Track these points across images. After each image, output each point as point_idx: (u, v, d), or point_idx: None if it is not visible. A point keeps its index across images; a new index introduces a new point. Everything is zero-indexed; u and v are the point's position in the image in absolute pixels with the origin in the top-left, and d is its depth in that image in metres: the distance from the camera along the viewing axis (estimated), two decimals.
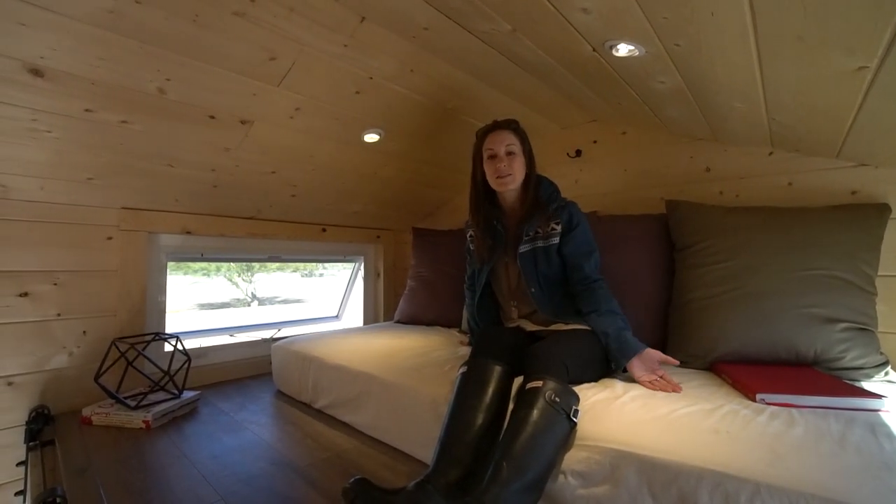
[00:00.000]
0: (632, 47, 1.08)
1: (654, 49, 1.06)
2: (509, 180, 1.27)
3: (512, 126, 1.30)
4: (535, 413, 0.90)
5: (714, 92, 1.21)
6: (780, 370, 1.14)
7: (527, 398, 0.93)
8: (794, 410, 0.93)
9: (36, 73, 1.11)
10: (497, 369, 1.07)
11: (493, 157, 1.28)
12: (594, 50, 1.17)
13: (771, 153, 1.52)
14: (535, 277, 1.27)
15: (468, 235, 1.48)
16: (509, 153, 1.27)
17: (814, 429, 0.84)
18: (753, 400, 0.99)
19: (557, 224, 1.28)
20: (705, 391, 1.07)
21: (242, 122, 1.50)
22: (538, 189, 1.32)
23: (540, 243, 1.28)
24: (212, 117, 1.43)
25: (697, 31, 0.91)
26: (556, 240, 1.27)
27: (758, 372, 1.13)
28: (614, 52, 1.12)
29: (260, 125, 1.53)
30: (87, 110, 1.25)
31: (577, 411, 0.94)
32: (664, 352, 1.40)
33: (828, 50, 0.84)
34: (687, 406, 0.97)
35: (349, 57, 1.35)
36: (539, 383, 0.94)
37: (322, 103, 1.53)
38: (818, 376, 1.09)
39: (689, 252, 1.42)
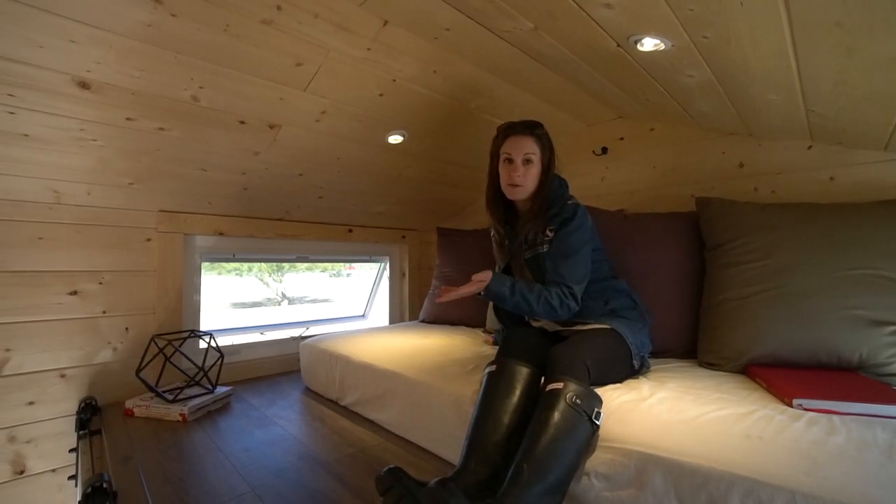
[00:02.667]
0: (657, 41, 1.05)
1: (680, 42, 1.02)
2: (520, 191, 1.22)
3: (536, 132, 1.22)
4: (556, 415, 0.89)
5: (746, 84, 1.16)
6: (820, 374, 1.09)
7: (548, 400, 0.92)
8: (834, 417, 0.88)
9: (83, 85, 1.19)
10: (525, 371, 1.07)
11: (509, 161, 1.24)
12: (618, 45, 1.14)
13: (810, 147, 1.44)
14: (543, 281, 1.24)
15: (492, 232, 1.45)
16: (526, 161, 1.20)
17: (857, 437, 0.79)
18: (790, 405, 0.94)
19: (552, 231, 1.22)
20: (738, 395, 1.03)
21: (271, 127, 1.55)
22: (548, 193, 1.26)
23: (540, 249, 1.24)
24: (242, 122, 1.48)
25: (726, 22, 0.87)
26: (549, 246, 1.22)
27: (795, 376, 1.08)
28: (639, 47, 1.10)
29: (287, 129, 1.58)
30: (128, 119, 1.33)
31: (599, 414, 0.93)
32: (694, 354, 1.37)
33: (871, 35, 0.79)
34: (718, 410, 0.94)
35: (372, 60, 1.37)
36: (560, 385, 0.93)
37: (347, 106, 1.56)
38: (863, 382, 1.03)
39: (720, 251, 1.36)
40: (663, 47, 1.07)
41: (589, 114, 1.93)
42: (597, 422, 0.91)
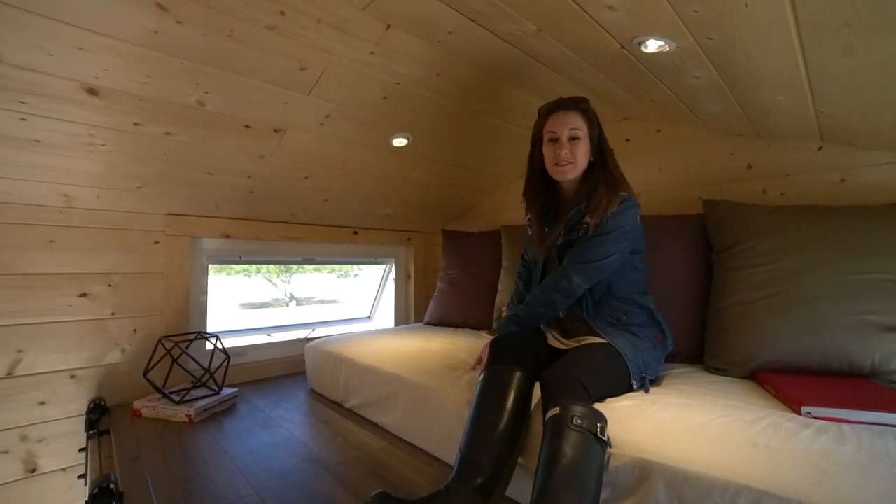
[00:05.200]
0: (661, 43, 1.04)
1: (685, 44, 1.01)
2: (569, 169, 1.15)
3: (580, 106, 1.16)
4: (565, 446, 0.82)
5: (754, 86, 1.14)
6: (831, 381, 1.06)
7: (552, 429, 0.86)
8: (845, 426, 0.86)
9: (92, 92, 1.21)
10: (516, 374, 1.04)
11: (554, 140, 1.17)
12: (622, 47, 1.13)
13: (820, 148, 1.41)
14: None
15: (527, 220, 1.35)
16: (573, 138, 1.14)
17: (868, 447, 0.77)
18: (798, 413, 0.92)
19: (589, 218, 1.14)
20: (745, 401, 1.01)
21: (276, 131, 1.56)
22: (601, 178, 1.17)
23: (574, 235, 1.16)
24: (247, 126, 1.50)
25: (731, 23, 0.86)
26: (582, 232, 1.13)
27: (804, 382, 1.05)
28: (643, 49, 1.09)
29: (292, 133, 1.59)
30: (135, 124, 1.35)
31: (603, 429, 0.86)
32: (701, 359, 1.35)
33: (881, 35, 0.78)
34: (724, 416, 0.92)
35: (376, 64, 1.37)
36: (558, 410, 0.87)
37: (351, 110, 1.57)
38: (875, 389, 1.01)
39: (728, 254, 1.34)
40: (668, 49, 1.06)
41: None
42: (603, 438, 0.85)
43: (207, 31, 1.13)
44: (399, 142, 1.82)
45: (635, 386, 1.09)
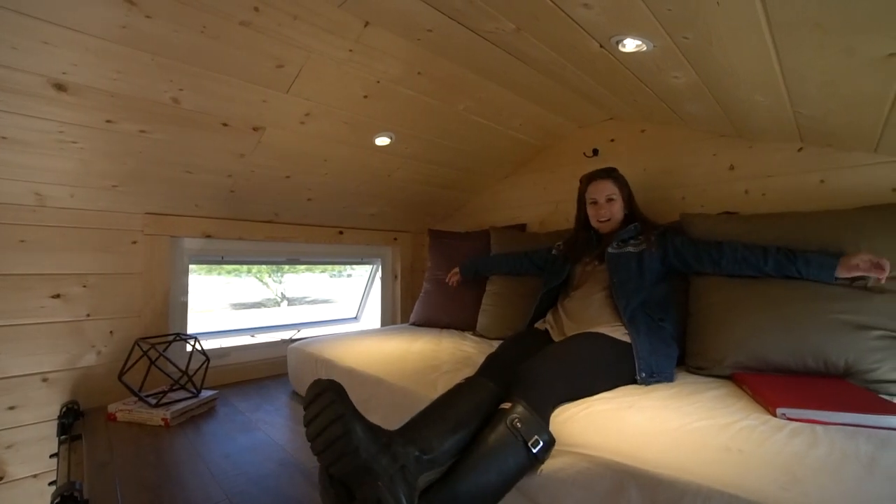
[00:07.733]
0: (639, 42, 1.03)
1: (662, 43, 1.00)
2: (608, 224, 1.47)
3: (612, 175, 1.48)
4: (492, 436, 0.87)
5: (732, 86, 1.14)
6: (807, 382, 1.06)
7: (493, 419, 0.91)
8: (818, 427, 0.86)
9: (60, 87, 1.17)
10: (489, 386, 1.04)
11: (594, 203, 1.48)
12: (601, 46, 1.12)
13: (801, 149, 1.42)
14: (621, 274, 1.34)
15: (553, 249, 1.66)
16: (609, 199, 1.45)
17: (839, 450, 0.78)
18: (774, 414, 0.92)
19: (643, 239, 1.38)
20: (722, 404, 1.01)
21: (255, 129, 1.53)
22: (636, 216, 1.49)
23: (630, 248, 1.37)
24: (225, 125, 1.47)
25: (705, 22, 0.85)
26: (644, 247, 1.36)
27: (781, 383, 1.05)
28: (621, 48, 1.08)
29: (272, 131, 1.57)
30: (108, 121, 1.31)
31: (538, 443, 0.86)
32: (681, 360, 1.34)
33: (852, 36, 0.77)
34: (699, 420, 0.92)
35: (355, 61, 1.35)
36: (507, 406, 0.91)
37: (331, 108, 1.54)
38: (849, 389, 1.01)
39: None
40: (645, 48, 1.05)
41: (580, 115, 1.91)
42: (533, 450, 0.86)
43: (179, 26, 1.10)
44: (382, 141, 1.80)
45: (638, 378, 1.15)
